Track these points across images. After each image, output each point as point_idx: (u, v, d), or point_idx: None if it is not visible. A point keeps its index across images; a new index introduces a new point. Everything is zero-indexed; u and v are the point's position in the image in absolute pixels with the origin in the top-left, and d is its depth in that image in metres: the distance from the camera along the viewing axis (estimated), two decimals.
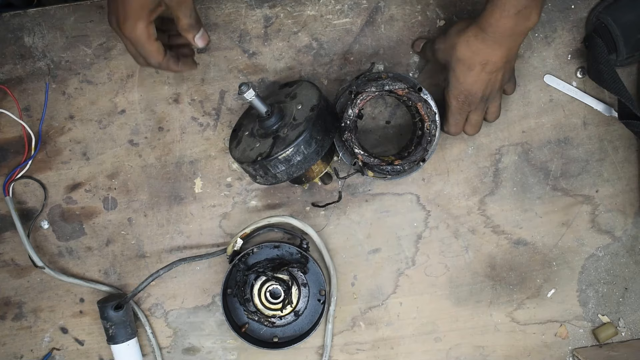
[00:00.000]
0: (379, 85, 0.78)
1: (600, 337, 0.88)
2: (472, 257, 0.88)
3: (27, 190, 0.86)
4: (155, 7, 0.70)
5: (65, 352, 0.88)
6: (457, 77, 0.77)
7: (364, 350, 0.88)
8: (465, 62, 0.75)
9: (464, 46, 0.74)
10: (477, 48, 0.74)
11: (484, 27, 0.72)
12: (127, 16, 0.69)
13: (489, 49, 0.73)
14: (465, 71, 0.75)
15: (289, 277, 0.85)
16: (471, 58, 0.74)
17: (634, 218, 0.88)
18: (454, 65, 0.76)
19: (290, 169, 0.73)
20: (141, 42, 0.71)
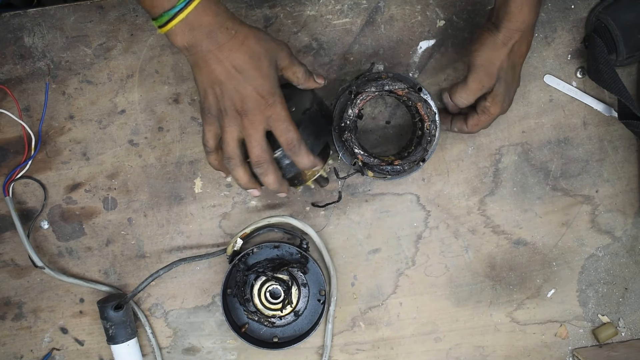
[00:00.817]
0: (379, 85, 0.78)
1: (600, 337, 0.88)
2: (472, 257, 0.88)
3: (27, 191, 0.86)
4: (277, 77, 0.68)
5: (65, 352, 0.88)
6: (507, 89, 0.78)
7: (364, 350, 0.88)
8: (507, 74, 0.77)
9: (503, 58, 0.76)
10: (504, 60, 0.76)
11: (512, 35, 0.75)
12: (270, 91, 0.67)
13: (519, 61, 0.77)
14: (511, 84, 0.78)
15: (289, 277, 0.85)
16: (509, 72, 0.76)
17: (634, 218, 0.88)
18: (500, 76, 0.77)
19: (281, 171, 0.73)
20: (284, 114, 0.68)
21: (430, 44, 0.86)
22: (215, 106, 0.68)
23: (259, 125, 0.67)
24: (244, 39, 0.66)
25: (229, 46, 0.65)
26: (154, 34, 0.85)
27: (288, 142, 0.69)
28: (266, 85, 0.66)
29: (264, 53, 0.67)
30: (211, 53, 0.65)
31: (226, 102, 0.67)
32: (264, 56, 0.67)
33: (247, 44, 0.66)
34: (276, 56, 0.68)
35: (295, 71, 0.71)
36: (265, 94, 0.66)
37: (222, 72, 0.66)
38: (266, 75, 0.67)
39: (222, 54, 0.65)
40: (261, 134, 0.68)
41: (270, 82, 0.67)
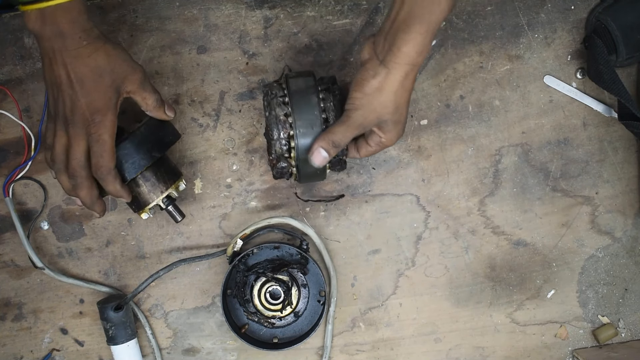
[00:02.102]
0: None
1: (600, 338, 0.88)
2: (472, 258, 0.88)
3: (27, 191, 0.86)
4: (118, 98, 0.68)
5: (65, 353, 0.88)
6: None
7: (364, 351, 0.88)
8: None
9: None
10: None
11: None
12: (96, 109, 0.67)
13: None
14: None
15: (289, 278, 0.85)
16: None
17: (634, 219, 0.88)
18: None
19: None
20: (104, 137, 0.67)
21: None
22: (52, 106, 0.69)
23: (80, 140, 0.68)
24: (93, 51, 0.66)
25: (74, 54, 0.65)
26: (153, 34, 0.85)
27: (96, 166, 0.69)
28: (98, 103, 0.67)
29: (109, 71, 0.67)
30: (57, 53, 0.65)
31: (59, 107, 0.68)
32: (108, 74, 0.67)
33: (94, 57, 0.66)
34: (124, 78, 0.69)
35: (145, 97, 0.71)
36: (93, 111, 0.67)
37: (62, 76, 0.66)
38: (102, 93, 0.67)
39: (67, 59, 0.65)
40: (81, 149, 0.68)
41: (103, 101, 0.67)
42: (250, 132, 0.86)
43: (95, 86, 0.66)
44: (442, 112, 0.87)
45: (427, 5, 0.62)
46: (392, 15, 0.65)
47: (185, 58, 0.86)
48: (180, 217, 0.79)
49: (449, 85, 0.87)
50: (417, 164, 0.87)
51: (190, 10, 0.85)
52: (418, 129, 0.87)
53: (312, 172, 0.75)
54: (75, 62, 0.66)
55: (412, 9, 0.63)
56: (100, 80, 0.67)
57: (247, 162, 0.87)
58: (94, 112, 0.67)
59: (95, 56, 0.66)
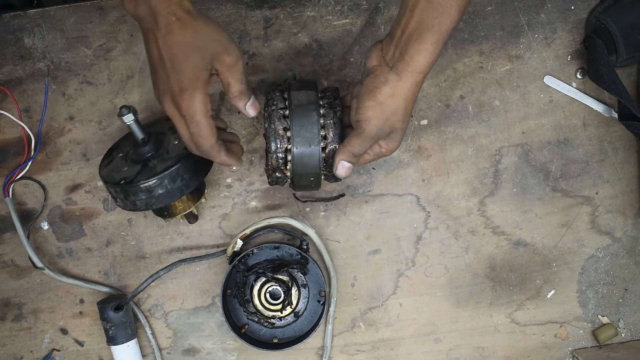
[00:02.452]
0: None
1: (600, 338, 0.88)
2: (472, 258, 0.88)
3: (27, 191, 0.86)
4: (209, 77, 0.65)
5: (65, 353, 0.88)
6: None
7: (364, 351, 0.88)
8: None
9: None
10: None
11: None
12: (183, 88, 0.64)
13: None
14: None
15: (289, 278, 0.85)
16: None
17: (634, 219, 0.88)
18: None
19: (151, 200, 0.73)
20: (197, 118, 0.65)
21: None
22: (156, 84, 0.68)
23: (178, 119, 0.66)
24: (181, 28, 0.64)
25: (164, 32, 0.63)
26: None
27: (198, 146, 0.67)
28: (186, 81, 0.64)
29: (197, 48, 0.64)
30: (151, 32, 0.64)
31: (160, 84, 0.66)
32: (196, 51, 0.64)
33: (181, 34, 0.64)
34: (212, 56, 0.65)
35: (229, 83, 0.66)
36: (181, 90, 0.64)
37: (155, 55, 0.65)
38: (190, 71, 0.64)
39: (159, 37, 0.64)
40: (182, 127, 0.66)
41: (191, 79, 0.64)
42: (250, 132, 0.86)
43: (183, 64, 0.64)
44: (442, 112, 0.87)
45: (438, 15, 0.63)
46: (402, 23, 0.65)
47: None
48: (195, 220, 0.83)
49: (449, 85, 0.87)
50: (417, 164, 0.87)
51: None
52: (418, 129, 0.87)
53: (307, 184, 0.76)
54: (165, 40, 0.63)
55: (423, 18, 0.63)
56: (188, 57, 0.64)
57: (247, 162, 0.87)
58: (182, 91, 0.64)
59: (183, 33, 0.63)
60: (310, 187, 0.77)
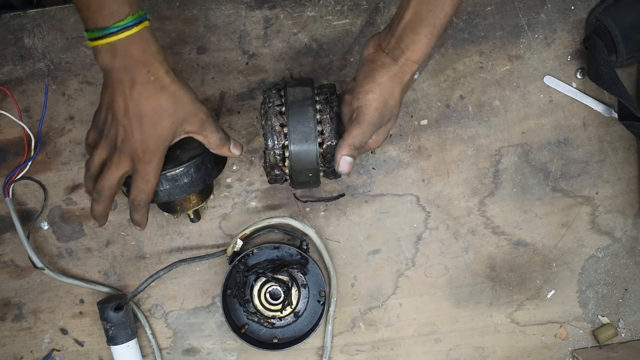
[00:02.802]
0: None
1: (600, 338, 0.87)
2: (472, 258, 0.88)
3: (27, 191, 0.86)
4: (172, 140, 0.68)
5: (65, 353, 0.88)
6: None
7: (364, 351, 0.88)
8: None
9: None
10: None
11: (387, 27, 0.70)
12: (146, 148, 0.66)
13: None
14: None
15: (289, 278, 0.85)
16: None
17: (634, 219, 0.88)
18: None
19: (174, 190, 0.73)
20: (149, 177, 0.68)
21: None
22: (102, 125, 0.68)
23: (121, 168, 0.68)
24: (158, 90, 0.65)
25: (139, 89, 0.64)
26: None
27: (135, 198, 0.70)
28: (152, 143, 0.66)
29: (170, 113, 0.66)
30: (122, 85, 0.64)
31: (111, 131, 0.67)
32: (168, 116, 0.66)
33: (157, 96, 0.65)
34: (184, 120, 0.68)
35: (207, 136, 0.70)
36: (145, 149, 0.66)
37: (122, 108, 0.65)
38: (158, 134, 0.66)
39: (131, 93, 0.64)
40: (119, 175, 0.68)
41: (157, 142, 0.66)
42: (250, 132, 0.86)
43: (152, 126, 0.66)
44: (442, 112, 0.87)
45: (432, 9, 0.66)
46: (399, 15, 0.68)
47: (185, 58, 0.86)
48: (198, 219, 0.84)
49: (449, 85, 0.87)
50: (417, 164, 0.87)
51: (190, 11, 0.85)
52: (418, 129, 0.87)
53: (305, 180, 0.75)
54: (139, 98, 0.64)
55: (418, 11, 0.66)
56: (159, 121, 0.66)
57: (247, 162, 0.87)
58: (146, 151, 0.66)
59: (159, 95, 0.65)
60: (310, 184, 0.77)
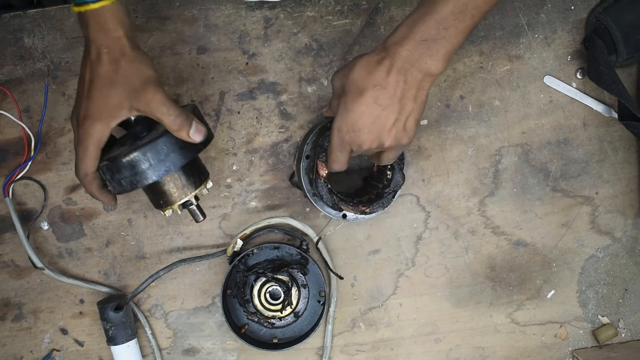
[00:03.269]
0: None
1: (600, 338, 0.88)
2: (472, 258, 0.88)
3: (27, 191, 0.86)
4: (118, 113, 0.66)
5: (65, 353, 0.88)
6: (345, 103, 0.66)
7: (364, 351, 0.88)
8: (357, 83, 0.65)
9: (361, 65, 0.65)
10: (374, 68, 0.64)
11: (387, 46, 0.64)
12: (88, 114, 0.66)
13: (385, 72, 0.64)
14: (356, 96, 0.65)
15: (289, 278, 0.85)
16: (364, 79, 0.64)
17: (634, 219, 0.88)
18: (346, 89, 0.66)
19: (135, 177, 0.68)
20: (86, 144, 0.67)
21: None
22: None
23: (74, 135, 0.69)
24: (116, 60, 0.66)
25: (99, 58, 0.66)
26: (153, 34, 0.85)
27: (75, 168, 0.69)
28: (94, 110, 0.66)
29: (121, 83, 0.66)
30: (89, 54, 0.67)
31: (75, 102, 0.69)
32: (119, 85, 0.66)
33: (113, 65, 0.66)
34: (137, 96, 0.66)
35: (161, 117, 0.66)
36: (85, 116, 0.67)
37: (80, 76, 0.68)
38: (102, 102, 0.66)
39: (92, 61, 0.66)
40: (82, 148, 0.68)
41: (100, 110, 0.66)
42: (250, 132, 0.86)
43: (97, 93, 0.66)
44: (442, 112, 0.87)
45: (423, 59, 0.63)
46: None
47: (185, 58, 0.86)
48: (202, 217, 0.75)
49: (449, 85, 0.87)
50: (417, 164, 0.87)
51: (190, 10, 0.85)
52: (418, 129, 0.87)
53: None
54: (95, 65, 0.66)
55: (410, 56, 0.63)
56: (104, 90, 0.66)
57: (247, 162, 0.87)
58: (86, 117, 0.67)
59: (115, 65, 0.66)
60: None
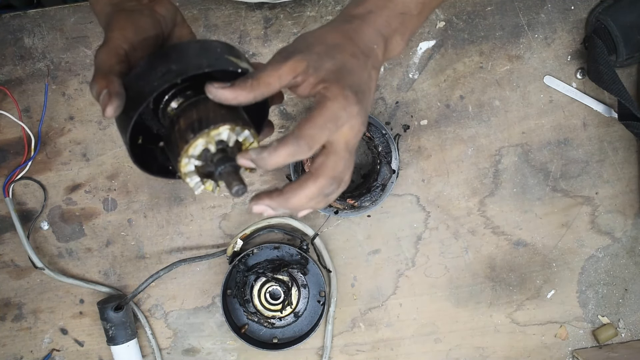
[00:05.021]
0: None
1: (600, 338, 0.88)
2: (472, 258, 0.88)
3: (27, 192, 0.86)
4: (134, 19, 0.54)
5: (65, 353, 0.88)
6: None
7: (363, 351, 0.88)
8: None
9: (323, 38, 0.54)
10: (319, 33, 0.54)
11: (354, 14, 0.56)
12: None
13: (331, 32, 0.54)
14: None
15: (289, 278, 0.85)
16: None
17: (634, 219, 0.88)
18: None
19: (140, 81, 0.50)
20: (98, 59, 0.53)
21: (430, 45, 0.86)
22: None
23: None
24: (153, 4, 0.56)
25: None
26: None
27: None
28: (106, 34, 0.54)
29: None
30: None
31: None
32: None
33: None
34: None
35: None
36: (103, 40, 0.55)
37: None
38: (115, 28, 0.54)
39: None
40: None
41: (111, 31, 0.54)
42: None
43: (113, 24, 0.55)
44: (442, 112, 0.87)
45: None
46: None
47: None
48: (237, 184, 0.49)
49: (449, 85, 0.87)
50: (417, 164, 0.87)
51: (190, 10, 0.85)
52: (418, 129, 0.87)
53: None
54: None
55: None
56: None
57: None
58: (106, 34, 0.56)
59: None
60: None
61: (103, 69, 0.52)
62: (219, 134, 0.50)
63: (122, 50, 0.53)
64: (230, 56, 0.52)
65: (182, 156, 0.50)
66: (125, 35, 0.53)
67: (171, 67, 0.50)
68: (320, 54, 0.52)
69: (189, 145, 0.49)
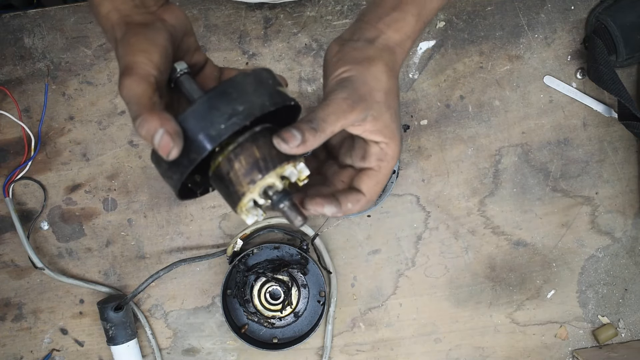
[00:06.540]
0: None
1: (600, 338, 0.88)
2: (471, 258, 0.88)
3: (27, 192, 0.86)
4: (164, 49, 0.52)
5: (65, 353, 0.88)
6: None
7: (363, 351, 0.88)
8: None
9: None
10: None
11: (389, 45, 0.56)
12: (123, 62, 0.53)
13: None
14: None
15: (289, 278, 0.85)
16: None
17: (634, 219, 0.88)
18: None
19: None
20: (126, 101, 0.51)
21: (430, 45, 0.86)
22: None
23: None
24: (162, 13, 0.55)
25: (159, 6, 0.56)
26: None
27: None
28: (128, 58, 0.52)
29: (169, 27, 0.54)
30: None
31: None
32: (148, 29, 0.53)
33: (160, 15, 0.55)
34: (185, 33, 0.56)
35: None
36: (122, 64, 0.53)
37: None
38: (142, 48, 0.52)
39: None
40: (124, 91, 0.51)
41: (134, 55, 0.52)
42: None
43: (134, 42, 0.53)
44: (442, 112, 0.87)
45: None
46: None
47: None
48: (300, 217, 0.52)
49: (449, 85, 0.87)
50: (417, 164, 0.87)
51: (190, 10, 0.85)
52: (418, 129, 0.87)
53: None
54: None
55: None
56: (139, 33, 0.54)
57: None
58: (121, 66, 0.54)
59: (160, 13, 0.56)
60: None
61: (144, 104, 0.49)
62: (283, 172, 0.51)
63: (152, 78, 0.50)
64: (279, 87, 0.52)
65: (247, 196, 0.50)
66: (152, 60, 0.51)
67: (237, 107, 0.49)
68: (380, 102, 0.54)
69: (256, 186, 0.50)
